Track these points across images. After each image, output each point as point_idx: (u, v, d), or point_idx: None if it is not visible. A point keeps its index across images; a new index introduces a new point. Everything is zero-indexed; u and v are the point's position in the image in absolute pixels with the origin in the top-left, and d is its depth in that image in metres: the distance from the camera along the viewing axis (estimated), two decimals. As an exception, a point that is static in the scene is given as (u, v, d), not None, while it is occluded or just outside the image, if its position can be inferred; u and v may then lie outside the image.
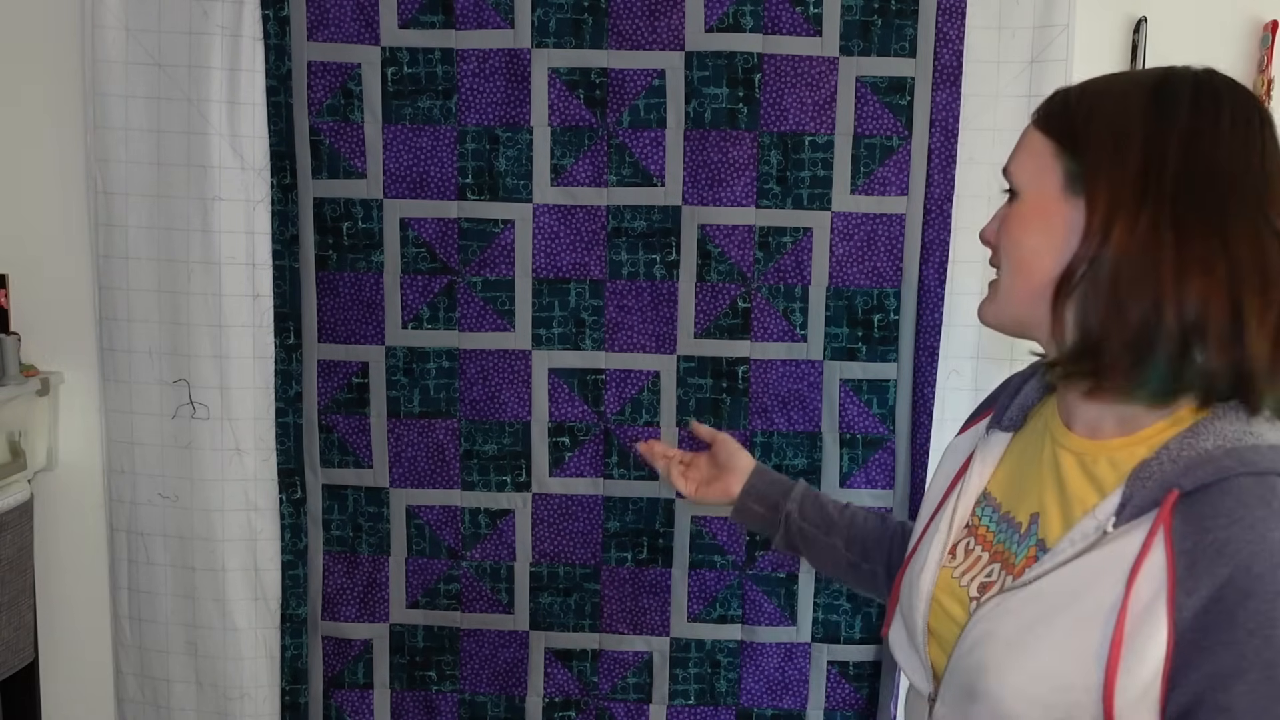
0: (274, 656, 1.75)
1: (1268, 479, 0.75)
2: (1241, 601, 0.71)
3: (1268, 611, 0.71)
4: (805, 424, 1.67)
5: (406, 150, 1.63)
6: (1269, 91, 1.62)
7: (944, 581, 0.95)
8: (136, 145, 1.63)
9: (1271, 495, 0.74)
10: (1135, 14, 1.61)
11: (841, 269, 1.63)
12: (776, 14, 1.58)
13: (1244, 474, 0.75)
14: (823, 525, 1.23)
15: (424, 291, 1.66)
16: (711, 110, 1.60)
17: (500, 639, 1.74)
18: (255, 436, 1.70)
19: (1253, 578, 0.71)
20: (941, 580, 0.96)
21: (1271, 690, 0.70)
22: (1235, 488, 0.75)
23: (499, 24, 1.60)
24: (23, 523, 1.68)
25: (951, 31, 1.58)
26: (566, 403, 1.68)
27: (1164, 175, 0.79)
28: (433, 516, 1.71)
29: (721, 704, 1.73)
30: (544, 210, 1.64)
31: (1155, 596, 0.75)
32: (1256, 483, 0.75)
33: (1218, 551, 0.73)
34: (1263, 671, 0.71)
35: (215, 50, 1.60)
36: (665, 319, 1.66)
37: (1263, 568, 0.71)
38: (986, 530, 0.94)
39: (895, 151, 1.61)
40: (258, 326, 1.68)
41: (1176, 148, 0.79)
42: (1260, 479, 0.75)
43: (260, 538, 1.72)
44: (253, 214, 1.65)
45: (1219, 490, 0.75)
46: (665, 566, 1.71)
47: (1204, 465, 0.77)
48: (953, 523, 0.98)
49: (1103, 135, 0.82)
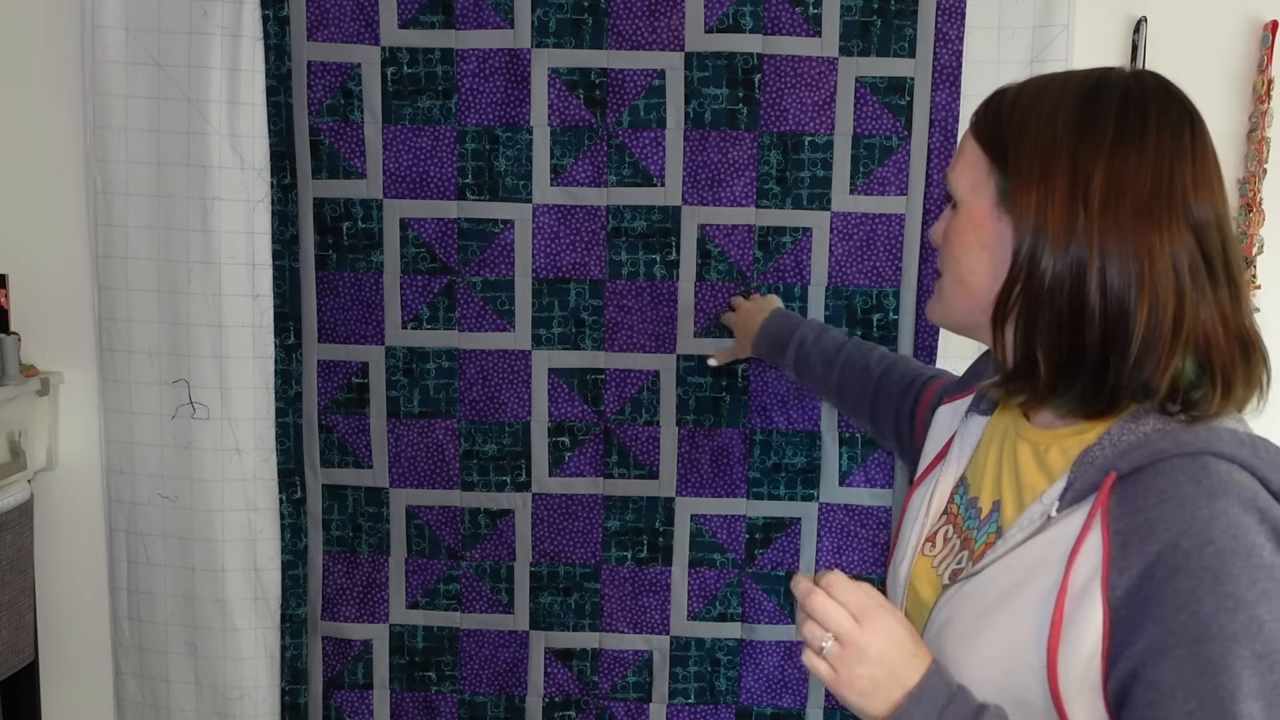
0: (274, 657, 1.75)
1: (1200, 459, 0.77)
2: (1170, 578, 0.73)
3: (1194, 587, 0.72)
4: (804, 423, 1.67)
5: (406, 150, 1.63)
6: (1269, 91, 1.63)
7: (922, 569, 0.97)
8: (136, 145, 1.63)
9: (1203, 474, 0.76)
10: (1135, 14, 1.62)
11: (841, 269, 1.64)
12: (776, 14, 1.58)
13: (1177, 455, 0.77)
14: (814, 380, 1.46)
15: (424, 291, 1.66)
16: (711, 110, 1.60)
17: (500, 639, 1.74)
18: (255, 436, 1.70)
19: (1180, 554, 0.73)
20: (920, 568, 0.98)
21: (1198, 665, 0.72)
22: (1168, 468, 0.77)
23: (499, 24, 1.60)
24: (23, 523, 1.68)
25: (951, 32, 1.58)
26: (566, 402, 1.68)
27: (1090, 198, 0.79)
28: (432, 516, 1.71)
29: (721, 702, 1.73)
30: (544, 210, 1.64)
31: (1091, 576, 0.77)
32: (1189, 462, 0.76)
33: (1149, 530, 0.75)
34: (1189, 647, 0.72)
35: (215, 50, 1.60)
36: (665, 319, 1.66)
37: (1190, 545, 0.73)
38: (960, 517, 0.96)
39: (895, 151, 1.61)
40: (258, 326, 1.68)
41: (1103, 165, 0.80)
42: (1193, 459, 0.77)
43: (260, 538, 1.72)
44: (253, 214, 1.65)
45: (1153, 471, 0.77)
46: (665, 565, 1.71)
47: (1140, 448, 0.79)
48: (931, 509, 1.00)
49: (1030, 153, 0.83)
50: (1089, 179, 0.79)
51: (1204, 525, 0.73)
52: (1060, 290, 0.80)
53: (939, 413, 1.06)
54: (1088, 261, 0.79)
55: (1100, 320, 0.79)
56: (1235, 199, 1.67)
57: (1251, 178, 1.65)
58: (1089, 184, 0.79)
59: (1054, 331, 0.81)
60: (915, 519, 1.00)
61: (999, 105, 0.88)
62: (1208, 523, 0.73)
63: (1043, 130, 0.82)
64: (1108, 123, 0.81)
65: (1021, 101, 0.86)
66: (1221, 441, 0.77)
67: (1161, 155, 0.79)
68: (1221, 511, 0.74)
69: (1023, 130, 0.84)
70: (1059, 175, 0.80)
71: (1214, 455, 0.77)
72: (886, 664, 0.81)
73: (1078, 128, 0.81)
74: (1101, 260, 0.79)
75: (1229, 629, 0.71)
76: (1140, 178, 0.79)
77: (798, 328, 1.48)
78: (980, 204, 0.87)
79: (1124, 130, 0.80)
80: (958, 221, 0.90)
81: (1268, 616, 0.71)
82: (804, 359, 1.45)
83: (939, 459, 1.01)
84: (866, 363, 1.39)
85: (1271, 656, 0.71)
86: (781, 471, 1.68)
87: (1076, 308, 0.80)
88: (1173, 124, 0.81)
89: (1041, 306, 0.81)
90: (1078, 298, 0.79)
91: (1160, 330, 0.78)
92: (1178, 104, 0.82)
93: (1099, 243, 0.79)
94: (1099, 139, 0.80)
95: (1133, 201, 0.79)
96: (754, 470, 1.68)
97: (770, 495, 1.69)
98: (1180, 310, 0.78)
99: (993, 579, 0.84)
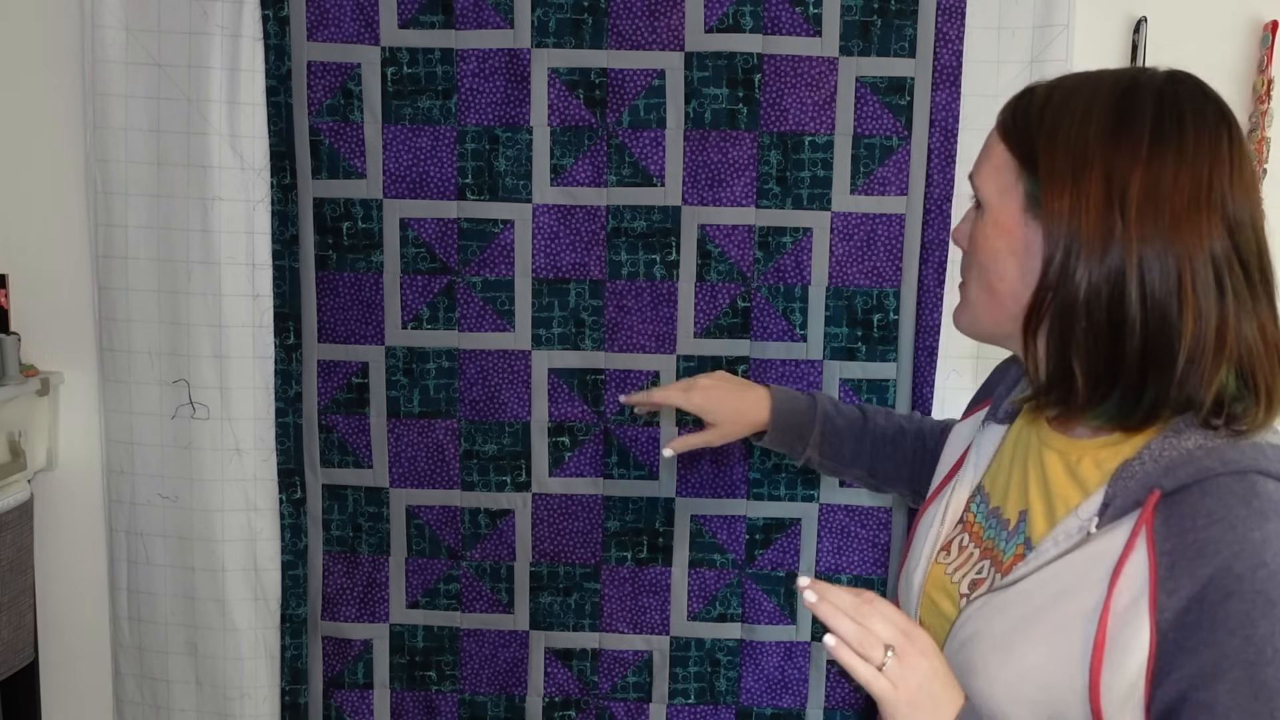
0: (274, 657, 1.75)
1: (1248, 477, 0.75)
2: (1223, 601, 0.72)
3: (1248, 611, 0.71)
4: (805, 424, 1.67)
5: (406, 150, 1.63)
6: (1269, 91, 1.63)
7: (936, 577, 0.95)
8: (136, 145, 1.63)
9: (1252, 494, 0.74)
10: (1135, 14, 1.61)
11: (841, 269, 1.64)
12: (776, 14, 1.58)
13: (1224, 473, 0.75)
14: (843, 462, 1.33)
15: (424, 291, 1.66)
16: (711, 110, 1.60)
17: (500, 639, 1.74)
18: (255, 436, 1.70)
19: (1233, 578, 0.72)
20: (934, 576, 0.96)
21: (1252, 688, 0.71)
22: (1215, 487, 0.75)
23: (499, 24, 1.60)
24: (23, 523, 1.68)
25: (951, 31, 1.58)
26: (566, 403, 1.68)
27: (1127, 206, 0.77)
28: (432, 516, 1.71)
29: (721, 703, 1.73)
30: (544, 210, 1.64)
31: (1138, 597, 0.75)
32: (1237, 481, 0.75)
33: (1198, 552, 0.74)
34: (1244, 670, 0.71)
35: (215, 50, 1.60)
36: (665, 319, 1.66)
37: (1243, 568, 0.72)
38: (979, 526, 0.94)
39: (895, 152, 1.61)
40: (258, 326, 1.68)
41: (1140, 171, 0.77)
42: (1241, 478, 0.75)
43: (260, 538, 1.72)
44: (253, 214, 1.65)
45: (1199, 490, 0.76)
46: (665, 565, 1.71)
47: (1185, 465, 0.77)
48: (946, 517, 0.98)
49: (1063, 158, 0.80)
50: (1125, 185, 0.77)
51: (1257, 548, 0.72)
52: (1098, 300, 0.78)
53: (955, 429, 1.04)
54: (1126, 270, 0.77)
55: (1141, 331, 0.77)
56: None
57: (1252, 178, 1.64)
58: (1125, 190, 0.77)
59: (1091, 343, 0.79)
60: (930, 527, 0.99)
61: (1028, 107, 0.85)
62: (1260, 545, 0.72)
63: (1075, 134, 0.80)
64: (1144, 126, 0.78)
65: (1052, 103, 0.83)
66: (1268, 459, 0.76)
67: (1200, 160, 0.77)
68: (1274, 534, 0.72)
69: (1055, 134, 0.81)
70: (1093, 181, 0.78)
71: (1261, 474, 0.75)
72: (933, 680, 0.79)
73: (1112, 131, 0.79)
74: (1141, 270, 0.76)
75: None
76: (1179, 183, 0.77)
77: (814, 405, 1.33)
78: (1008, 209, 0.85)
79: (1160, 134, 0.78)
80: (984, 226, 0.87)
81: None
82: (834, 447, 1.32)
83: (955, 470, 1.00)
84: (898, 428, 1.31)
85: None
86: (781, 472, 1.68)
87: (1116, 319, 0.77)
88: (1210, 128, 0.78)
89: (1077, 317, 0.79)
90: (1117, 308, 0.77)
91: (1205, 342, 0.76)
92: (1214, 107, 0.80)
93: (1138, 251, 0.76)
94: (1135, 143, 0.78)
95: (1171, 208, 0.76)
96: (754, 470, 1.68)
97: (770, 496, 1.69)
98: (1223, 321, 0.76)
99: (1027, 592, 0.82)
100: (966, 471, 0.98)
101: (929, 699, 0.78)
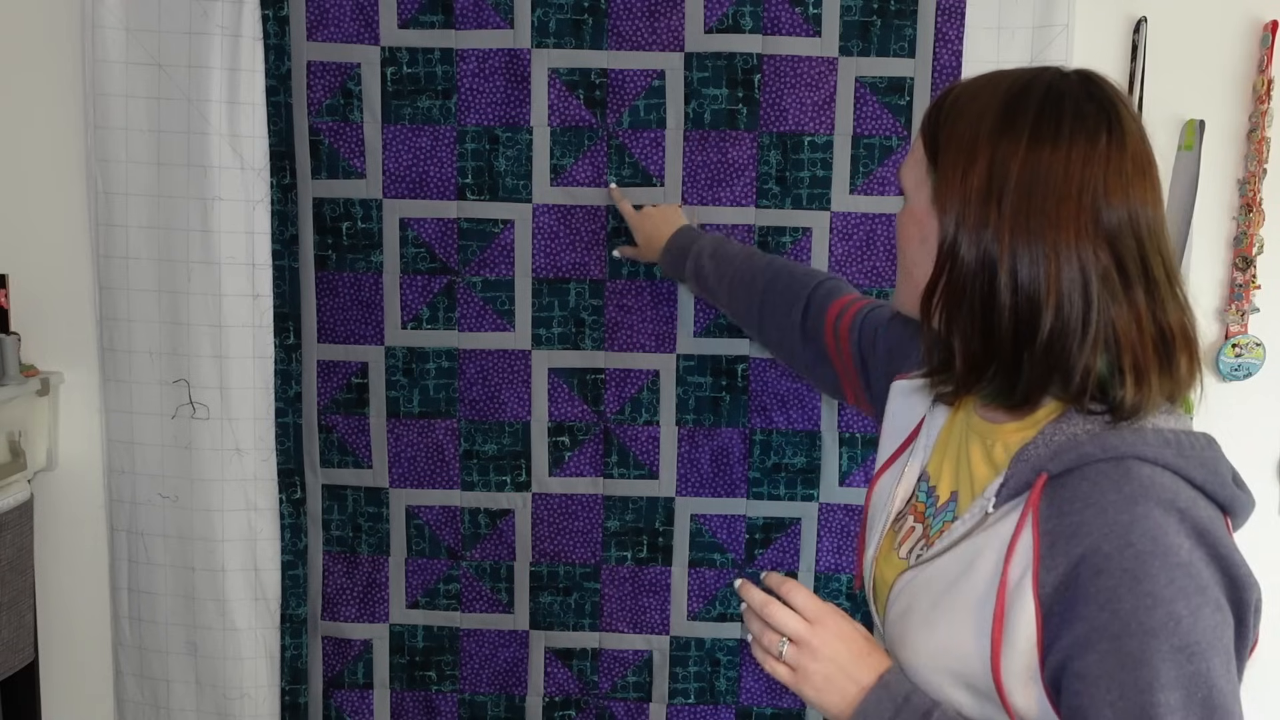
0: (274, 657, 1.75)
1: (1124, 463, 0.80)
2: (1093, 578, 0.77)
3: (1114, 587, 0.76)
4: (804, 423, 1.67)
5: (406, 150, 1.63)
6: (1269, 91, 1.63)
7: (885, 551, 1.00)
8: (136, 145, 1.63)
9: (1125, 480, 0.79)
10: (1135, 14, 1.61)
11: (841, 269, 1.64)
12: (776, 14, 1.58)
13: (1102, 459, 0.80)
14: (712, 295, 1.46)
15: (424, 291, 1.66)
16: (711, 111, 1.60)
17: (500, 639, 1.74)
18: (255, 436, 1.70)
19: (1102, 556, 0.77)
20: (884, 549, 1.01)
21: (1119, 658, 0.76)
22: (1093, 473, 0.80)
23: (499, 24, 1.60)
24: (23, 523, 1.68)
25: (951, 32, 1.58)
26: (566, 402, 1.68)
27: (1004, 194, 0.82)
28: (432, 516, 1.71)
29: (721, 703, 1.73)
30: (544, 210, 1.64)
31: (1024, 574, 0.81)
32: (1113, 467, 0.80)
33: (1073, 533, 0.79)
34: (1111, 642, 0.76)
35: (215, 50, 1.60)
36: (665, 318, 1.66)
37: (1111, 547, 0.77)
38: (921, 505, 0.99)
39: (895, 152, 1.61)
40: (258, 326, 1.68)
41: (1017, 165, 0.82)
42: (1117, 464, 0.80)
43: (260, 538, 1.72)
44: (252, 214, 1.65)
45: (1079, 475, 0.81)
46: (665, 565, 1.71)
47: (1070, 450, 0.82)
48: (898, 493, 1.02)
49: (955, 153, 0.85)
50: (1004, 178, 0.82)
51: (1124, 529, 0.77)
52: (974, 284, 0.83)
53: (893, 387, 1.05)
54: (999, 257, 0.82)
55: (1011, 315, 0.82)
56: (1235, 199, 1.67)
57: (1251, 178, 1.65)
58: (1004, 183, 0.82)
59: (968, 324, 0.84)
60: (882, 504, 1.03)
61: (941, 104, 0.90)
62: (1128, 527, 0.77)
63: (968, 129, 0.85)
64: (1025, 123, 0.83)
65: (960, 101, 0.88)
66: (1146, 444, 0.80)
67: (1074, 157, 0.81)
68: (1141, 515, 0.77)
69: (954, 129, 0.86)
70: (977, 174, 0.83)
71: (1137, 459, 0.80)
72: (839, 661, 0.87)
73: (998, 127, 0.83)
74: (1012, 258, 0.81)
75: (1147, 625, 0.75)
76: (1051, 179, 0.81)
77: (697, 240, 1.49)
78: (920, 200, 0.90)
79: (1039, 131, 0.82)
80: (903, 216, 0.94)
81: (1184, 611, 0.75)
82: (701, 272, 1.46)
83: (906, 445, 1.03)
84: (754, 272, 1.39)
85: (1189, 649, 0.75)
86: (781, 471, 1.68)
87: (988, 302, 0.83)
88: (1087, 126, 0.82)
89: (959, 299, 0.84)
90: (989, 292, 0.82)
91: (1068, 327, 0.81)
92: (1097, 105, 0.83)
93: (1010, 240, 0.81)
94: (1016, 139, 0.82)
95: (1043, 202, 0.81)
96: (754, 470, 1.68)
97: (770, 495, 1.69)
98: (1088, 309, 0.81)
99: (943, 569, 0.88)
100: (917, 452, 1.02)
101: (833, 680, 0.87)
